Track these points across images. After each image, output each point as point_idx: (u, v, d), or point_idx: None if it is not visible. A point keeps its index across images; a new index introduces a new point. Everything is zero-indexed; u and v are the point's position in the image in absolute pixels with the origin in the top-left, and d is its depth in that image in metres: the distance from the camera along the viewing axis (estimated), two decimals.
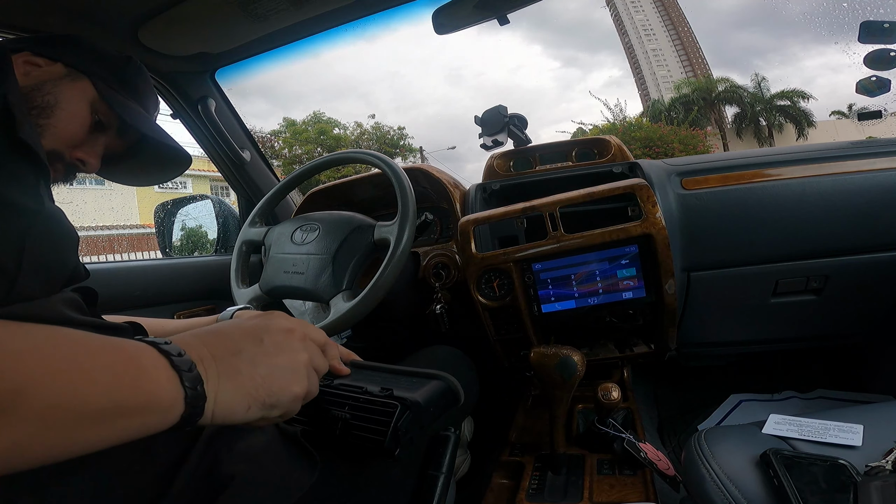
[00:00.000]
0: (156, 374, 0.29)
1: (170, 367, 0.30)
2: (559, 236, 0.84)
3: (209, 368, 0.32)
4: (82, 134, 0.55)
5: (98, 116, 0.56)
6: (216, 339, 0.34)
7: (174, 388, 0.29)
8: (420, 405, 0.45)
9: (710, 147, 18.86)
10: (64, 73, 0.54)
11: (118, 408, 0.27)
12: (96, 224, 9.61)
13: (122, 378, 0.27)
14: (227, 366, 0.33)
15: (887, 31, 0.89)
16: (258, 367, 0.34)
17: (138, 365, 0.29)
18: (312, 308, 0.96)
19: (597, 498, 0.76)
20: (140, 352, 0.29)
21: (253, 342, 0.35)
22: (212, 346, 0.33)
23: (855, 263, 0.93)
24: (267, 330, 0.37)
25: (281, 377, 0.35)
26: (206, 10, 0.83)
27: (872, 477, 0.45)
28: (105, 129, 0.58)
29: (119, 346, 0.29)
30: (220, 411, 0.32)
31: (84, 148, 0.56)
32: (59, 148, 0.53)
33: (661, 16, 65.62)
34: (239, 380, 0.33)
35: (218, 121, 1.14)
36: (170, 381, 0.29)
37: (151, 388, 0.28)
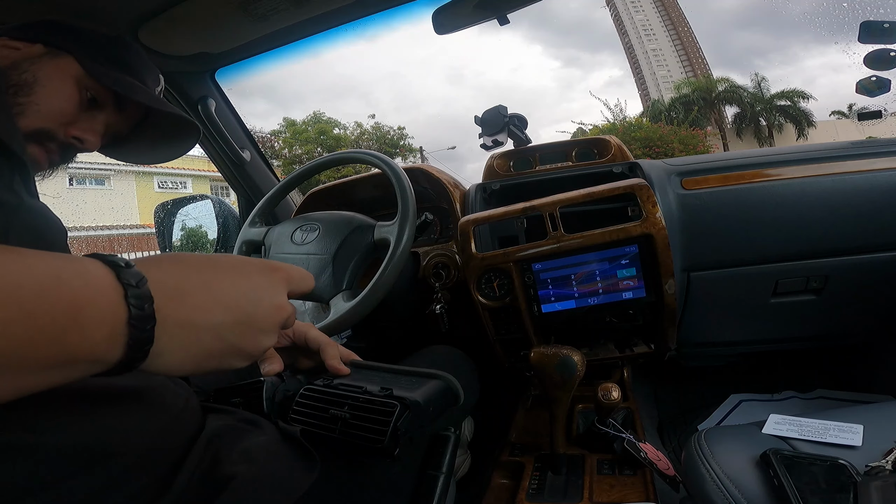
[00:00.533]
0: (95, 328, 0.24)
1: (122, 321, 0.24)
2: (559, 236, 0.84)
3: (167, 331, 0.27)
4: (72, 110, 0.54)
5: (90, 93, 0.55)
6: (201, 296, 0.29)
7: (114, 345, 0.25)
8: (420, 405, 0.45)
9: (710, 147, 18.86)
10: (44, 52, 0.53)
11: (49, 360, 0.23)
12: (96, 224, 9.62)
13: (55, 328, 0.22)
14: (190, 336, 0.28)
15: (887, 31, 0.89)
16: (224, 341, 0.30)
17: (77, 310, 0.23)
18: (312, 308, 0.96)
19: (597, 498, 0.76)
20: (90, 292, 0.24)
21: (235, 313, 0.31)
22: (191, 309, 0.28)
23: (855, 263, 0.93)
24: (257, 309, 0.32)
25: (246, 330, 0.31)
26: (206, 10, 0.84)
27: (872, 477, 0.45)
28: (102, 106, 0.57)
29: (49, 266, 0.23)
30: (158, 368, 0.28)
31: (80, 125, 0.55)
32: (48, 126, 0.52)
33: (661, 16, 65.64)
34: (196, 351, 0.29)
35: (218, 121, 1.14)
36: (111, 339, 0.24)
37: (83, 343, 0.24)
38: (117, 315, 0.24)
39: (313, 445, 0.45)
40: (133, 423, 0.36)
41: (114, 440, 0.34)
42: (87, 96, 0.55)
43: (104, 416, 0.34)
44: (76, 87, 0.54)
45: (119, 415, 0.35)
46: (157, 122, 0.63)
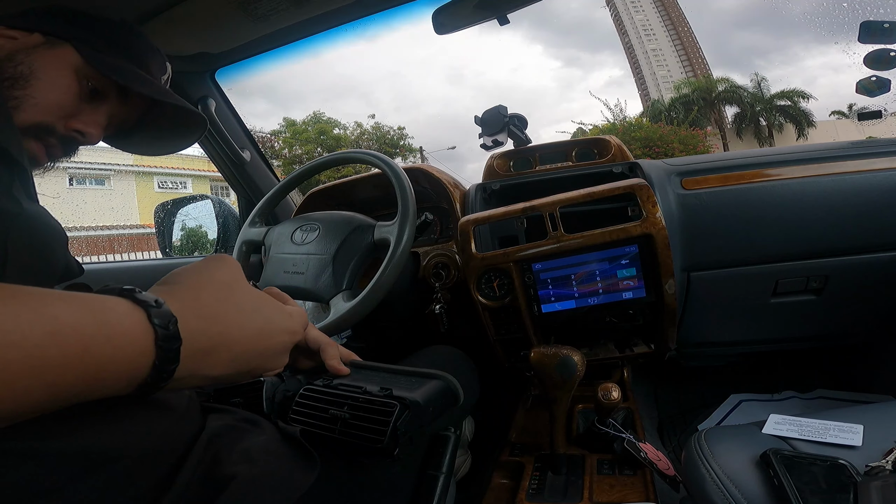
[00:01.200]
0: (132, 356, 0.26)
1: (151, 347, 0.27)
2: (559, 236, 0.84)
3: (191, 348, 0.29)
4: (71, 102, 0.52)
5: (91, 83, 0.53)
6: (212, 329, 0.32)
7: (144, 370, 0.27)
8: (419, 405, 0.45)
9: (710, 147, 18.87)
10: (41, 42, 0.51)
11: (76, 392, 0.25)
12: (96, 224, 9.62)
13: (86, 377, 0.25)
14: (212, 360, 0.31)
15: (887, 31, 0.89)
16: (238, 365, 0.34)
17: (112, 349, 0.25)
18: (312, 308, 0.96)
19: (597, 498, 0.76)
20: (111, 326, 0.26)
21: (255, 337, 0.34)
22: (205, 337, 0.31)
23: (855, 263, 0.93)
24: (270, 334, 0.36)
25: (249, 375, 0.35)
26: (206, 10, 0.84)
27: (872, 477, 0.45)
28: (104, 97, 0.54)
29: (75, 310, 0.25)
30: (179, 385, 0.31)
31: (81, 118, 0.53)
32: (47, 119, 0.50)
33: (661, 16, 65.64)
34: (217, 368, 0.32)
35: (218, 121, 1.14)
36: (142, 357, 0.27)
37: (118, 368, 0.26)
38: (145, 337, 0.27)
39: (313, 445, 0.45)
40: (137, 426, 0.36)
41: (116, 443, 0.34)
42: (87, 87, 0.53)
43: (108, 419, 0.34)
44: (75, 77, 0.52)
45: (123, 418, 0.35)
46: (163, 113, 0.61)
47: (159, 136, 0.64)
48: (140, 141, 0.64)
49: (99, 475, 0.32)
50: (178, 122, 0.62)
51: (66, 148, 0.54)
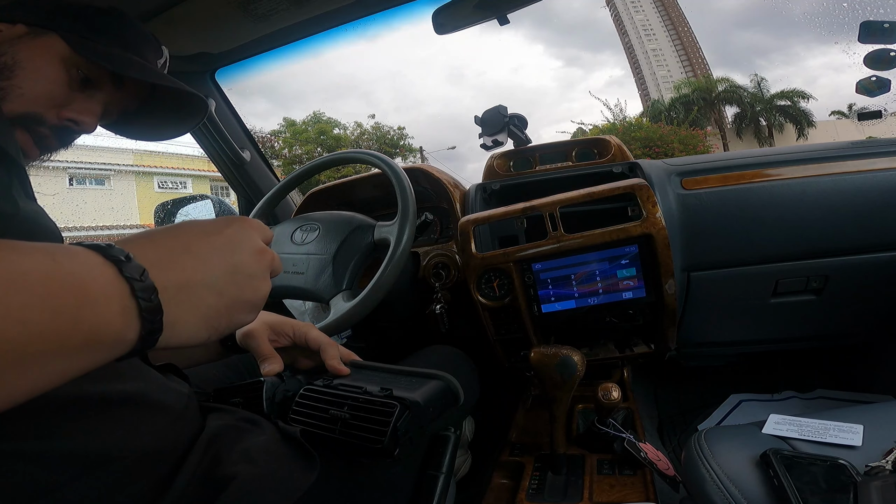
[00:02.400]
0: (106, 304, 0.24)
1: (127, 295, 0.25)
2: (559, 236, 0.84)
3: (170, 298, 0.27)
4: (61, 92, 0.51)
5: (82, 72, 0.52)
6: (184, 263, 0.29)
7: (128, 321, 0.25)
8: (420, 405, 0.45)
9: (710, 147, 18.85)
10: (25, 32, 0.50)
11: (55, 349, 0.22)
12: (96, 224, 9.61)
13: (60, 314, 0.22)
14: (191, 297, 0.29)
15: (887, 31, 0.89)
16: (223, 298, 0.31)
17: (84, 293, 0.23)
18: (312, 308, 0.96)
19: (597, 498, 0.76)
20: (87, 271, 0.24)
21: (226, 272, 0.31)
22: (177, 273, 0.28)
23: (855, 263, 0.93)
24: (242, 258, 0.32)
25: (241, 308, 0.32)
26: (206, 10, 0.84)
27: (872, 477, 0.45)
28: (97, 85, 0.54)
29: (56, 255, 0.23)
30: (174, 340, 0.28)
31: (74, 107, 0.52)
32: (35, 110, 0.49)
33: (661, 16, 65.63)
34: (202, 313, 0.29)
35: (218, 121, 1.14)
36: (122, 313, 0.25)
37: (98, 321, 0.24)
38: (121, 290, 0.25)
39: (313, 445, 0.45)
40: (136, 426, 0.36)
41: (116, 443, 0.34)
42: (78, 76, 0.52)
43: (107, 420, 0.34)
44: (63, 67, 0.51)
45: (121, 418, 0.35)
46: (163, 98, 0.60)
47: (162, 121, 0.63)
48: (142, 127, 0.63)
49: (99, 475, 0.32)
50: (178, 105, 0.61)
51: (61, 138, 0.53)
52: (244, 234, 0.34)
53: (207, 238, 0.32)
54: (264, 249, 0.35)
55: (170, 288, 0.27)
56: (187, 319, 0.29)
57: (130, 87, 0.56)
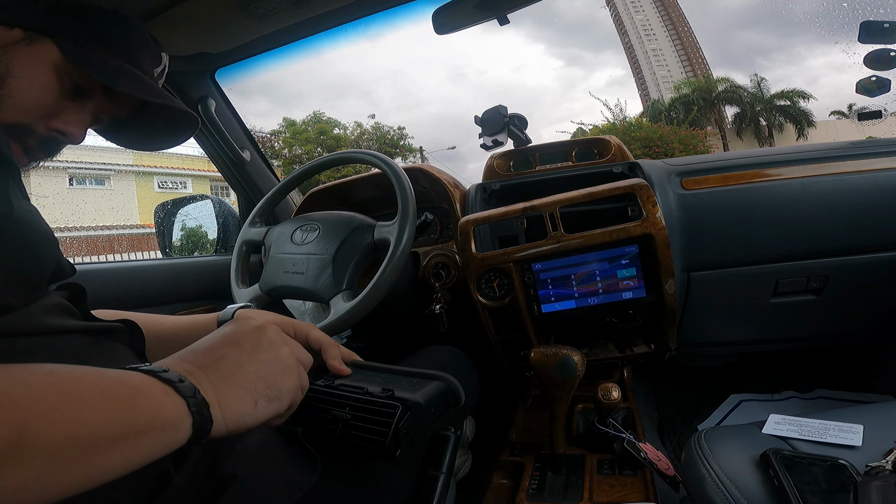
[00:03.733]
0: (151, 392, 0.30)
1: (161, 383, 0.30)
2: (559, 236, 0.84)
3: (200, 378, 0.33)
4: (51, 101, 0.49)
5: (75, 80, 0.50)
6: (195, 354, 0.36)
7: (173, 402, 0.30)
8: (421, 406, 0.45)
9: (710, 147, 18.84)
10: (21, 38, 0.48)
11: (124, 432, 0.27)
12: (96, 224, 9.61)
13: (120, 402, 0.28)
14: (217, 371, 0.34)
15: (887, 31, 0.89)
16: (246, 367, 0.35)
17: (131, 387, 0.29)
18: (312, 308, 0.96)
19: (597, 498, 0.76)
20: (132, 379, 0.30)
21: (231, 346, 0.37)
22: (193, 360, 0.35)
23: (855, 263, 0.93)
24: (240, 333, 0.38)
25: (272, 370, 0.37)
26: (206, 10, 0.84)
27: (872, 477, 0.45)
28: (89, 94, 0.52)
29: (112, 377, 0.29)
30: (230, 414, 0.33)
31: (63, 117, 0.51)
32: (25, 120, 0.48)
33: (661, 16, 65.62)
34: (233, 380, 0.34)
35: (218, 121, 1.14)
36: (167, 395, 0.30)
37: (151, 406, 0.29)
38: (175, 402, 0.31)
39: (314, 446, 0.45)
40: None
41: None
42: (70, 84, 0.50)
43: None
44: (55, 75, 0.49)
45: None
46: (155, 110, 0.58)
47: (153, 133, 0.62)
48: (132, 136, 0.63)
49: None
50: (170, 119, 0.60)
51: (47, 148, 0.52)
52: (244, 321, 0.41)
53: (221, 336, 0.39)
54: (288, 342, 0.41)
55: (204, 383, 0.33)
56: (229, 401, 0.33)
57: (122, 97, 0.55)
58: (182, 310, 1.08)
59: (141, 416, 0.28)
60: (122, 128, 0.60)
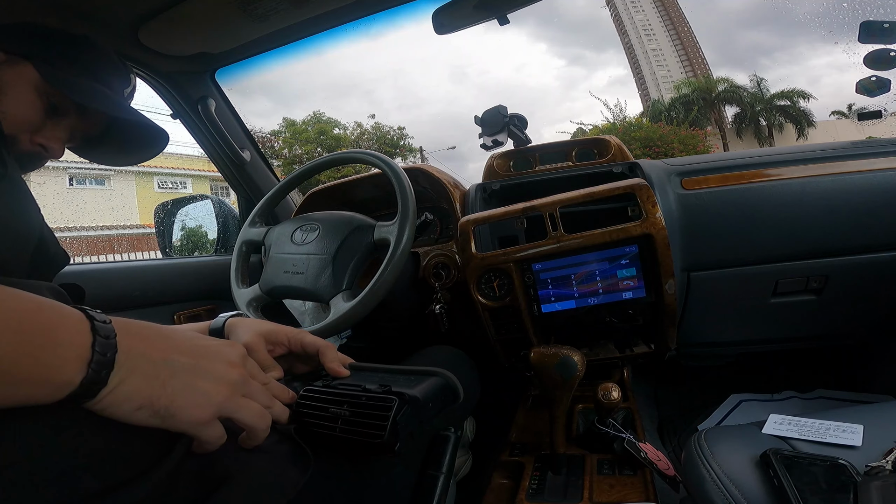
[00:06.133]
0: (66, 347, 0.28)
1: (87, 345, 0.29)
2: (559, 236, 0.84)
3: (124, 362, 0.31)
4: (36, 118, 0.54)
5: (52, 99, 0.55)
6: (156, 342, 0.34)
7: (78, 367, 0.28)
8: (419, 400, 0.46)
9: (710, 147, 18.84)
10: (4, 59, 0.53)
11: (9, 376, 0.26)
12: (96, 224, 9.61)
13: (30, 344, 0.27)
14: (147, 368, 0.32)
15: (887, 31, 0.89)
16: (174, 380, 0.33)
17: (52, 334, 0.28)
18: (312, 308, 0.96)
19: (597, 498, 0.76)
20: (62, 318, 0.29)
21: (189, 358, 0.35)
22: (146, 345, 0.33)
23: (855, 263, 0.93)
24: (213, 354, 0.37)
25: (189, 398, 0.34)
26: (206, 10, 0.84)
27: (872, 477, 0.45)
28: (63, 112, 0.56)
29: (39, 305, 0.28)
30: (110, 401, 0.31)
31: (44, 133, 0.55)
32: (13, 132, 0.52)
33: (661, 16, 65.61)
34: (148, 384, 0.32)
35: (218, 121, 1.14)
36: (77, 359, 0.28)
37: (56, 360, 0.28)
38: (84, 340, 0.29)
39: (315, 445, 0.45)
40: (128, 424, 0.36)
41: (108, 442, 0.34)
42: (47, 103, 0.55)
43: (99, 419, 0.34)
44: (36, 94, 0.54)
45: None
46: (125, 127, 0.62)
47: (123, 149, 0.66)
48: (105, 152, 0.67)
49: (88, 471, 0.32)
50: (139, 135, 0.64)
51: (30, 162, 0.56)
52: (227, 347, 0.39)
53: (193, 338, 0.37)
54: (235, 363, 0.38)
55: (130, 353, 0.31)
56: (131, 381, 0.31)
57: (93, 115, 0.59)
58: (182, 310, 1.08)
59: (34, 363, 0.27)
60: (95, 144, 0.64)
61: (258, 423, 0.39)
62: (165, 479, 0.36)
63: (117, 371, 0.30)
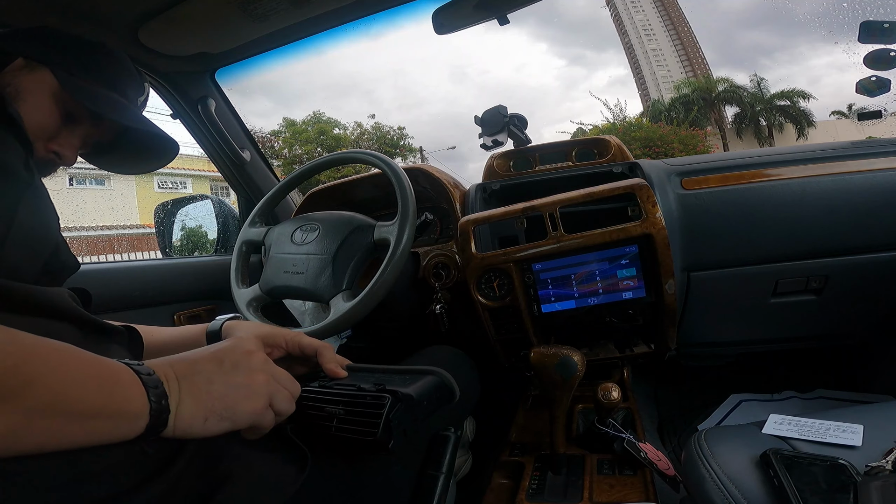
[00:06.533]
0: (129, 387, 0.33)
1: (140, 383, 0.33)
2: (559, 236, 0.84)
3: (172, 386, 0.35)
4: (52, 125, 0.54)
5: (67, 107, 0.55)
6: (179, 361, 0.38)
7: (142, 400, 0.33)
8: (412, 398, 0.46)
9: (710, 147, 18.83)
10: (22, 65, 0.53)
11: (98, 411, 0.31)
12: (96, 224, 9.61)
13: (104, 387, 0.31)
14: (187, 380, 0.36)
15: (887, 31, 0.89)
16: (214, 385, 0.37)
17: (117, 379, 0.33)
18: (312, 308, 0.96)
19: (597, 498, 0.76)
20: (119, 368, 0.34)
21: (213, 363, 0.39)
22: (173, 365, 0.37)
23: (855, 263, 0.93)
24: (229, 351, 0.40)
25: (236, 393, 0.38)
26: (206, 10, 0.84)
27: (872, 477, 0.45)
28: (78, 120, 0.56)
29: (103, 361, 0.33)
30: (181, 423, 0.35)
31: (59, 140, 0.55)
32: (31, 140, 0.51)
33: (661, 16, 65.59)
34: (197, 395, 0.36)
35: (218, 121, 1.14)
36: (139, 394, 0.33)
37: (125, 397, 0.32)
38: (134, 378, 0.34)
39: (313, 445, 0.45)
40: None
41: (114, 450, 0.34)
42: (63, 110, 0.55)
43: None
44: (54, 101, 0.54)
45: None
46: (137, 136, 0.63)
47: (133, 157, 0.67)
48: (115, 160, 0.67)
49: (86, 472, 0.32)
50: (150, 145, 0.64)
51: (44, 169, 0.56)
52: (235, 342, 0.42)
53: (203, 348, 0.41)
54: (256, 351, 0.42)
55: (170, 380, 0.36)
56: (187, 405, 0.35)
57: (107, 123, 0.59)
58: (182, 310, 1.08)
59: (115, 404, 0.32)
60: (105, 152, 0.64)
61: (288, 408, 0.41)
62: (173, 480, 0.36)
63: (171, 395, 0.35)
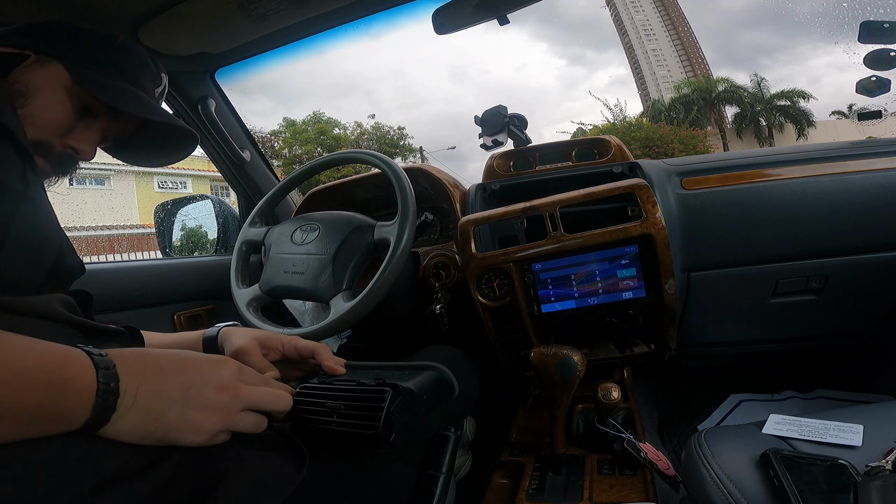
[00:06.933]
0: (74, 360, 0.32)
1: (85, 355, 0.33)
2: (559, 236, 0.84)
3: (130, 376, 0.34)
4: (66, 120, 0.53)
5: (83, 101, 0.54)
6: (150, 375, 0.36)
7: (88, 374, 0.32)
8: (412, 392, 0.46)
9: (710, 147, 18.82)
10: (34, 60, 0.52)
11: (34, 416, 0.30)
12: (96, 224, 9.61)
13: (45, 393, 0.30)
14: (144, 403, 0.35)
15: (887, 31, 0.88)
16: (169, 414, 0.36)
17: (63, 381, 0.31)
18: (312, 308, 0.96)
19: (597, 498, 0.76)
20: (70, 362, 0.32)
21: (180, 391, 0.37)
22: (142, 380, 0.35)
23: (855, 263, 0.93)
24: (201, 384, 0.38)
25: (183, 426, 0.36)
26: (206, 10, 0.84)
27: (872, 477, 0.45)
28: (95, 114, 0.55)
29: (47, 353, 0.32)
30: (113, 430, 0.34)
31: (75, 135, 0.54)
32: (44, 137, 0.51)
33: (661, 16, 65.60)
34: (145, 417, 0.35)
35: (218, 121, 1.14)
36: (85, 365, 0.32)
37: (68, 405, 0.31)
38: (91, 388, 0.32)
39: (312, 441, 0.45)
40: None
41: (107, 439, 0.34)
42: (79, 105, 0.53)
43: None
44: (67, 95, 0.52)
45: None
46: (156, 128, 0.62)
47: (154, 149, 0.66)
48: (136, 153, 0.66)
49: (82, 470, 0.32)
50: (170, 137, 0.64)
51: (62, 165, 0.55)
52: (216, 371, 0.40)
53: (185, 362, 0.39)
54: (226, 386, 0.39)
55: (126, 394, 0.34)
56: (128, 422, 0.34)
57: (126, 116, 0.58)
58: (182, 310, 1.08)
59: (54, 410, 0.31)
60: (127, 145, 0.63)
61: (256, 429, 0.41)
62: (164, 478, 0.36)
63: (117, 409, 0.33)
